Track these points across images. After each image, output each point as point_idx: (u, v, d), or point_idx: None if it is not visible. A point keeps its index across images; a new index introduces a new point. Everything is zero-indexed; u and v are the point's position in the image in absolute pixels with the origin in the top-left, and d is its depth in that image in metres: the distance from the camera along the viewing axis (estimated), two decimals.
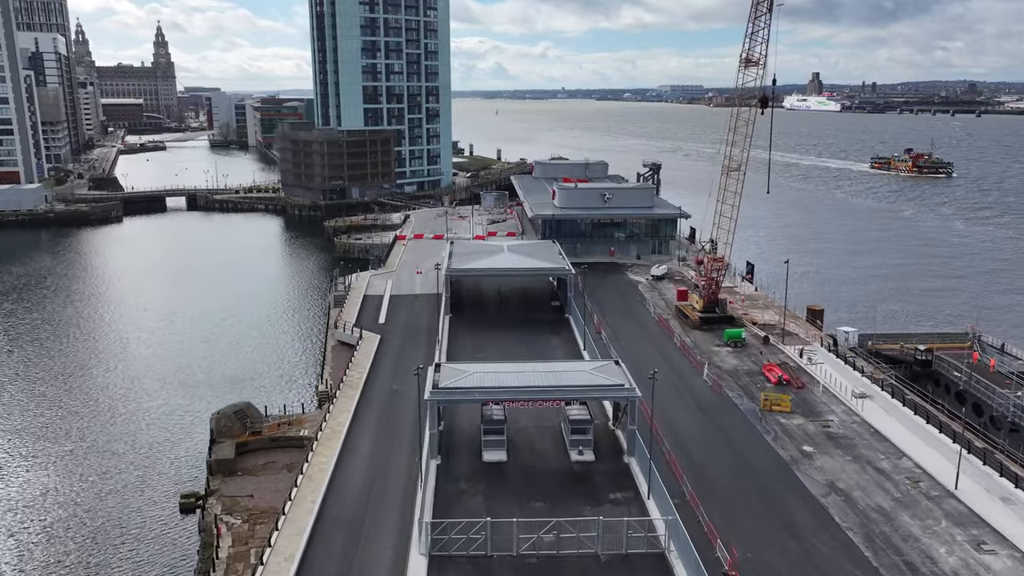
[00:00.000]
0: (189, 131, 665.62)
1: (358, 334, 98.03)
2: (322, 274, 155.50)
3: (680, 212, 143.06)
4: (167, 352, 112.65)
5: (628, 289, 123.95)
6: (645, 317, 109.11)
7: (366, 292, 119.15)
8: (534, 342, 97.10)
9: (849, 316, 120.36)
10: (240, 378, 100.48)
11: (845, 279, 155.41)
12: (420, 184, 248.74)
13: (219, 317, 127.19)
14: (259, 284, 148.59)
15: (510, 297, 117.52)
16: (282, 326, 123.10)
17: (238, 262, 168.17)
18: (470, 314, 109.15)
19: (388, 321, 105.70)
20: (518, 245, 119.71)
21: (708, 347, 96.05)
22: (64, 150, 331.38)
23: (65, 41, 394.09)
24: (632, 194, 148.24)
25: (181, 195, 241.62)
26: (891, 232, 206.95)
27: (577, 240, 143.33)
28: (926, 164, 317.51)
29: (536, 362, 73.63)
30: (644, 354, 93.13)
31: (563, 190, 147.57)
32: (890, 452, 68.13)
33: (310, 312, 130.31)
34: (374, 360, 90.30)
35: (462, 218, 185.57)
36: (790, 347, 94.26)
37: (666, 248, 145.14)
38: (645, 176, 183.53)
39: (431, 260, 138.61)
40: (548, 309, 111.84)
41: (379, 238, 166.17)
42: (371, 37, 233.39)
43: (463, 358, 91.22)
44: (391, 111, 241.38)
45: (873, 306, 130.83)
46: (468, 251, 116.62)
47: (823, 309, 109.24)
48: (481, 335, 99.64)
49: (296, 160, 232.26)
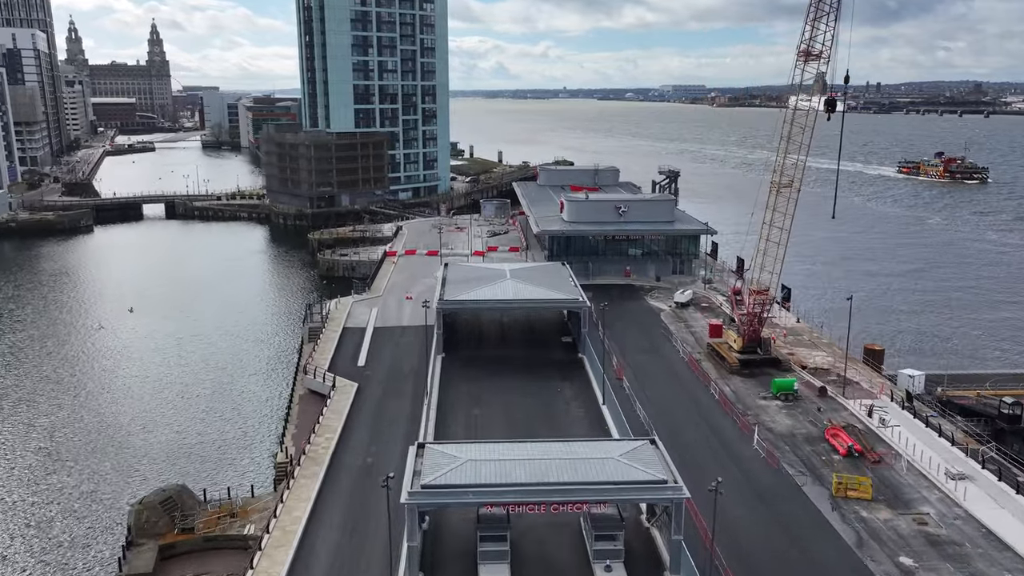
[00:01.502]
0: (183, 131, 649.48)
1: (331, 382, 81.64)
2: (303, 295, 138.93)
3: (706, 228, 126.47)
4: (96, 407, 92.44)
5: (649, 319, 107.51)
6: (672, 356, 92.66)
7: (346, 323, 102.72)
8: (542, 393, 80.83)
9: (909, 352, 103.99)
10: (181, 445, 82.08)
11: (897, 306, 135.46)
12: (415, 191, 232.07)
13: (171, 356, 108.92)
14: (226, 312, 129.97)
15: (513, 330, 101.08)
16: (244, 367, 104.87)
17: (208, 282, 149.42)
18: (466, 352, 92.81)
19: (369, 363, 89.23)
20: (523, 269, 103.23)
21: (752, 399, 79.58)
22: (42, 152, 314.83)
23: (47, 37, 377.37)
24: (650, 206, 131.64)
25: (159, 202, 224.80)
26: (937, 247, 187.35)
27: (588, 259, 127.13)
28: (959, 169, 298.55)
29: (548, 441, 57.01)
30: (677, 411, 76.75)
31: (572, 202, 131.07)
32: (1017, 567, 51.66)
33: (280, 348, 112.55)
34: (348, 418, 73.91)
35: (460, 229, 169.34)
36: (853, 401, 77.77)
37: (688, 268, 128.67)
38: (661, 185, 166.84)
39: (423, 281, 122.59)
40: (558, 346, 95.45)
41: (367, 254, 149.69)
42: (362, 32, 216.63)
43: (456, 414, 75.42)
44: (384, 112, 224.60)
45: (934, 339, 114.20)
46: (464, 277, 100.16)
47: (883, 349, 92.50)
48: (478, 382, 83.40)
49: (282, 165, 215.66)
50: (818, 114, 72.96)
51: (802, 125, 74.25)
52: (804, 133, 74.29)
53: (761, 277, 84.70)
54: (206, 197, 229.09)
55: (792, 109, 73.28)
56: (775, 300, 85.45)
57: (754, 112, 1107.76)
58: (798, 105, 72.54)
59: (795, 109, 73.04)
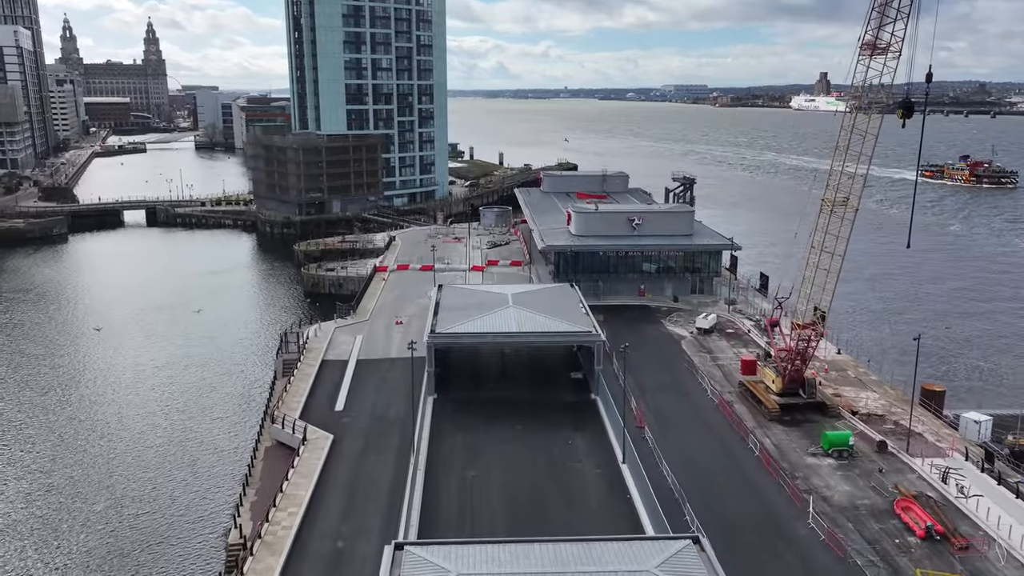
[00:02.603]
0: (177, 131, 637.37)
1: (302, 433, 69.36)
2: (284, 316, 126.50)
3: (731, 243, 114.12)
4: (23, 463, 78.41)
5: (669, 348, 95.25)
6: (699, 397, 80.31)
7: (326, 355, 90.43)
8: (550, 446, 68.71)
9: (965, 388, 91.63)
10: (120, 519, 67.73)
11: (947, 333, 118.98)
12: (411, 196, 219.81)
13: (129, 395, 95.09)
14: (197, 337, 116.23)
15: (516, 365, 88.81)
16: (208, 409, 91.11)
17: (181, 301, 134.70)
18: (462, 393, 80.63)
19: (349, 407, 76.90)
20: (527, 294, 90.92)
21: (799, 455, 67.27)
22: (24, 154, 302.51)
23: (32, 35, 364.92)
24: (667, 219, 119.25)
25: (139, 208, 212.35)
26: (974, 260, 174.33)
27: (598, 276, 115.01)
28: (986, 173, 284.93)
29: (563, 541, 44.54)
30: (712, 472, 64.48)
31: (580, 214, 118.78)
32: None
33: (251, 383, 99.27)
34: (318, 484, 61.64)
35: (457, 240, 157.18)
36: (920, 460, 65.43)
37: (709, 287, 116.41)
38: (676, 192, 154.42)
39: (416, 302, 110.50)
40: (567, 384, 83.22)
41: (355, 268, 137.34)
42: (355, 28, 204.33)
43: (448, 477, 63.31)
44: (378, 113, 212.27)
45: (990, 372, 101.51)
46: (460, 303, 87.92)
47: (944, 390, 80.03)
48: (475, 431, 71.32)
49: (269, 169, 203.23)
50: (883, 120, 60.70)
51: (862, 132, 61.91)
52: (865, 142, 61.96)
53: (802, 305, 72.54)
54: (190, 203, 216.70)
55: (853, 114, 60.97)
56: (823, 334, 73.03)
57: (757, 112, 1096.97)
58: (858, 109, 60.22)
59: (856, 114, 60.72)
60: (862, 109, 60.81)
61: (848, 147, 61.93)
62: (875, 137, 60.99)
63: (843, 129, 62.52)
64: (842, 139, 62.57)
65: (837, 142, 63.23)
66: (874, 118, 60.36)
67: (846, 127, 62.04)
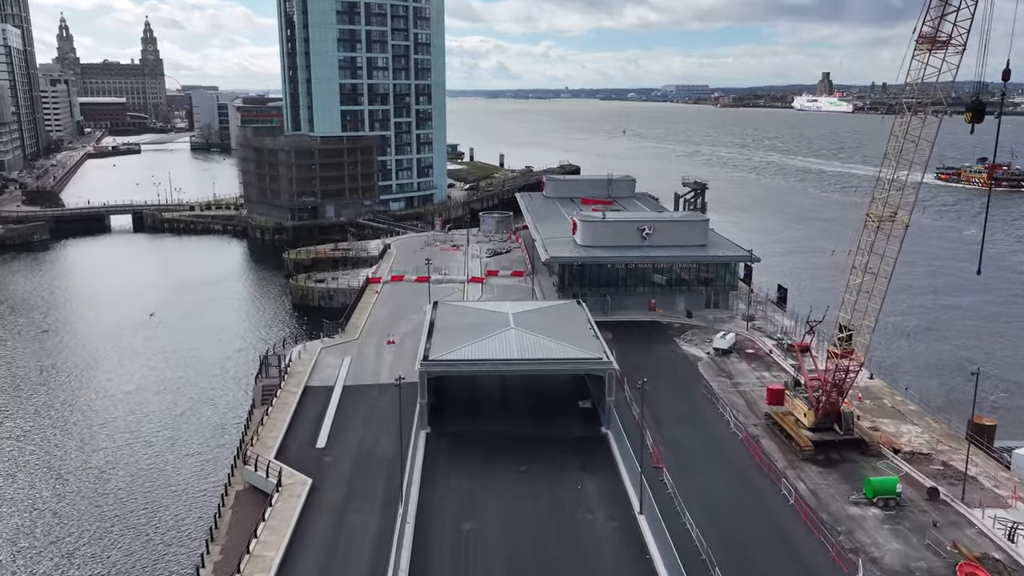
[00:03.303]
0: (174, 132, 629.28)
1: (277, 475, 61.44)
2: (270, 331, 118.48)
3: (749, 255, 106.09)
4: None
5: (685, 371, 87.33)
6: (722, 431, 72.33)
7: (309, 380, 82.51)
8: (557, 492, 60.97)
9: (1011, 417, 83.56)
10: None
11: (989, 355, 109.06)
12: (409, 200, 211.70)
13: (93, 427, 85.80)
14: (173, 357, 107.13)
15: (518, 392, 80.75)
16: (178, 444, 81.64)
17: (159, 316, 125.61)
18: (457, 425, 72.79)
19: (332, 443, 68.96)
20: (530, 313, 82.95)
21: (839, 504, 59.30)
22: (11, 155, 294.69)
23: (22, 33, 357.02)
24: (680, 228, 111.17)
25: (126, 213, 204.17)
26: (1000, 272, 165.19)
27: (606, 290, 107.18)
28: (1005, 176, 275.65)
29: None
30: (740, 525, 56.64)
31: (587, 223, 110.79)
32: None
33: (227, 410, 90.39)
34: (291, 543, 53.76)
35: (456, 247, 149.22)
36: (979, 511, 57.46)
37: (725, 301, 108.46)
38: (687, 199, 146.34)
39: (410, 318, 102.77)
40: (575, 415, 75.28)
41: (347, 279, 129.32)
42: (349, 26, 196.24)
43: (440, 532, 55.59)
44: (374, 114, 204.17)
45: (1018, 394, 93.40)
46: (457, 323, 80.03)
47: (995, 424, 71.96)
48: (471, 473, 63.54)
49: (260, 172, 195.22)
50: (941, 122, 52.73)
51: (915, 139, 53.92)
52: (919, 149, 54.00)
53: (841, 332, 64.62)
54: (178, 207, 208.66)
55: (908, 116, 53.02)
56: (862, 365, 65.06)
57: (759, 113, 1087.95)
58: (912, 110, 52.24)
59: (913, 114, 52.76)
60: (916, 112, 52.79)
61: (899, 154, 53.87)
62: (931, 144, 53.01)
63: (893, 135, 54.50)
64: (892, 146, 54.52)
65: (886, 149, 55.23)
66: (931, 121, 52.35)
67: (897, 133, 54.01)
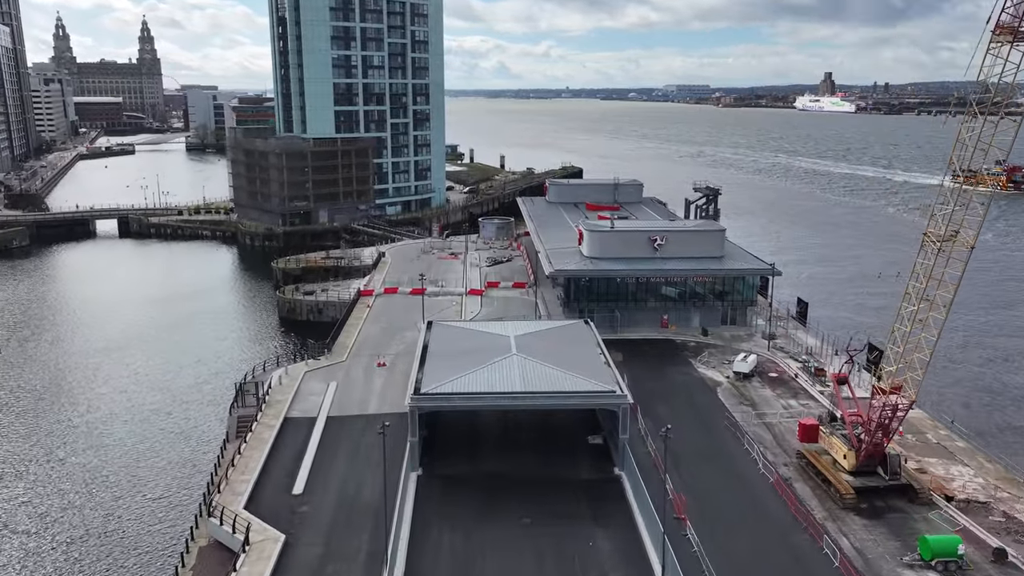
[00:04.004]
0: (170, 132, 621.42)
1: (244, 530, 53.57)
2: (255, 349, 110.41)
3: (771, 269, 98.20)
4: None
5: (703, 399, 79.50)
6: (749, 472, 64.45)
7: (289, 410, 74.65)
8: (566, 547, 53.32)
9: None
10: None
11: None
12: (405, 204, 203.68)
13: (38, 470, 75.69)
14: (144, 383, 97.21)
15: (521, 426, 72.84)
16: (140, 485, 72.31)
17: (135, 334, 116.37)
18: (452, 466, 64.96)
19: (310, 489, 61.02)
20: (534, 336, 75.10)
21: (891, 566, 51.53)
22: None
23: (12, 31, 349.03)
24: (694, 238, 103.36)
25: (111, 217, 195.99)
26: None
27: (615, 305, 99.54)
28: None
29: None
30: None
31: (594, 233, 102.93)
32: None
33: (199, 444, 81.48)
34: None
35: (454, 256, 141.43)
36: None
37: (743, 317, 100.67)
38: (698, 205, 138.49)
39: (403, 335, 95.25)
40: (585, 454, 67.47)
41: (337, 292, 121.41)
42: (344, 23, 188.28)
43: None
44: (369, 114, 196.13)
45: None
46: (453, 348, 72.21)
47: None
48: (467, 529, 55.79)
49: (250, 175, 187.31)
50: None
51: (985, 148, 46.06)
52: (987, 155, 46.19)
53: (891, 366, 56.84)
54: (166, 211, 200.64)
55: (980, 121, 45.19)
56: (913, 403, 57.21)
57: (761, 112, 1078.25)
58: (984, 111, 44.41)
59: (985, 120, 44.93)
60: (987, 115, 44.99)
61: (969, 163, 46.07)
62: (1007, 153, 45.21)
63: (958, 141, 46.68)
64: (957, 154, 46.71)
65: (950, 159, 47.41)
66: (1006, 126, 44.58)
67: (964, 139, 46.20)
